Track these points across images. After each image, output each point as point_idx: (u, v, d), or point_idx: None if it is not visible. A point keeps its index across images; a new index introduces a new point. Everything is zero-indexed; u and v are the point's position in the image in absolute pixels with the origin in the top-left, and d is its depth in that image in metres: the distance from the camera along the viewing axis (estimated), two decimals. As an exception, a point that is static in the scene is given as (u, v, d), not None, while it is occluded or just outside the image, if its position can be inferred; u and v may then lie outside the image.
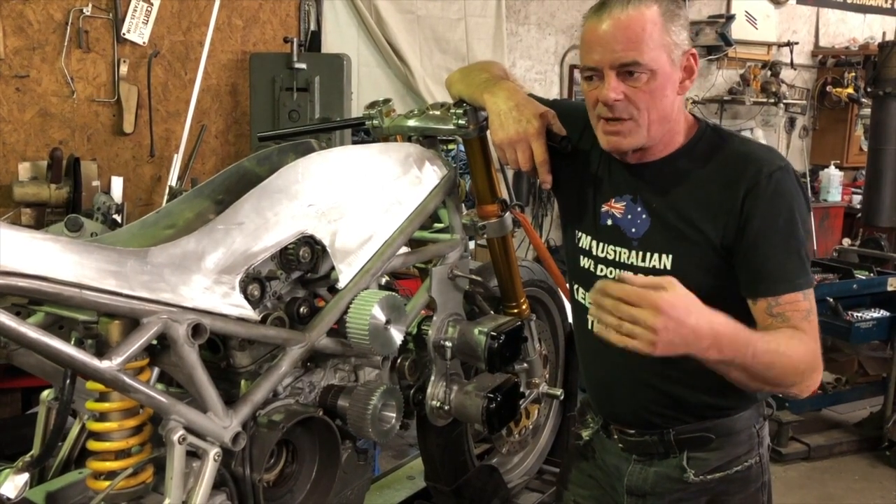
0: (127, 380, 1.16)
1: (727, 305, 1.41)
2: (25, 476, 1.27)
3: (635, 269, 1.49)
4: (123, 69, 4.21)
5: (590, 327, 1.59)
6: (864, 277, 4.17)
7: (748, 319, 1.37)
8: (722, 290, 1.41)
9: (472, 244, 1.89)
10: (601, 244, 1.55)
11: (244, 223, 1.34)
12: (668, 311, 1.14)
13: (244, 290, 1.33)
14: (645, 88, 1.37)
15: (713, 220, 1.41)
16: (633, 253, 1.50)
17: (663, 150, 1.47)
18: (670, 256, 1.45)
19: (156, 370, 1.34)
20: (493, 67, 1.72)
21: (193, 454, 1.26)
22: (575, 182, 1.61)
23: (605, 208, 1.55)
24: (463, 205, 1.87)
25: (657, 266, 1.46)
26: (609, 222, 1.54)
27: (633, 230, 1.50)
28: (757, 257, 1.38)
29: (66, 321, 1.31)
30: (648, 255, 1.48)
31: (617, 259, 1.52)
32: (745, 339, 1.26)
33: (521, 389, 2.06)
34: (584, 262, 1.59)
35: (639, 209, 1.50)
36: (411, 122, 1.77)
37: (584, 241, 1.59)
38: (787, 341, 1.32)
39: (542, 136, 1.53)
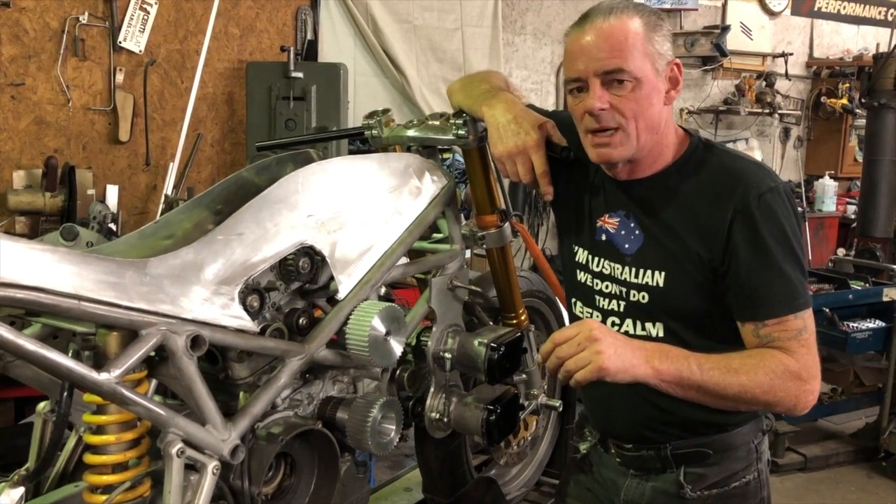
0: (125, 392, 1.15)
1: (720, 324, 1.41)
2: (21, 490, 1.26)
3: (629, 286, 1.48)
4: (119, 77, 4.21)
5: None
6: (859, 288, 4.18)
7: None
8: (715, 308, 1.41)
9: (468, 253, 1.88)
10: (597, 258, 1.55)
11: (243, 234, 1.33)
12: (601, 330, 1.30)
13: (243, 302, 1.32)
14: (631, 97, 1.36)
15: (702, 240, 1.40)
16: (627, 269, 1.49)
17: (653, 165, 1.46)
18: (663, 274, 1.44)
19: (154, 382, 1.33)
20: (494, 78, 1.71)
21: (192, 467, 1.25)
22: (572, 195, 1.61)
23: (599, 223, 1.54)
24: (461, 214, 1.86)
25: (650, 283, 1.46)
26: (603, 237, 1.53)
27: (627, 246, 1.49)
28: (745, 283, 1.38)
29: (63, 332, 1.30)
30: (642, 271, 1.47)
31: (612, 274, 1.52)
32: (683, 356, 1.33)
33: (521, 401, 2.05)
34: (582, 276, 1.58)
35: (632, 225, 1.49)
36: (410, 133, 1.77)
37: (581, 255, 1.58)
38: (748, 361, 1.33)
39: (542, 147, 1.53)
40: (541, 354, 1.34)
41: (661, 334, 1.45)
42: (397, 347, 1.52)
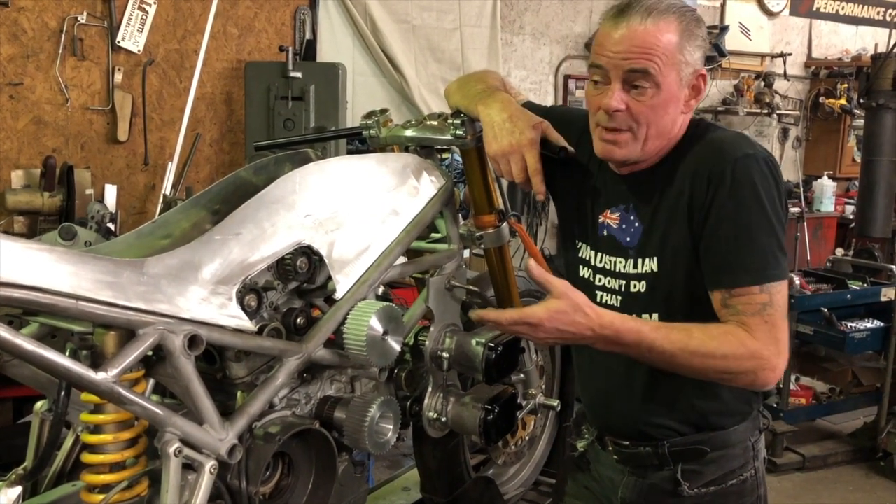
0: (122, 392, 1.15)
1: (709, 302, 1.41)
2: (18, 489, 1.26)
3: (629, 277, 1.50)
4: (118, 77, 4.21)
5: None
6: (857, 288, 4.19)
7: None
8: (704, 287, 1.41)
9: (466, 253, 1.88)
10: (599, 254, 1.56)
11: (241, 233, 1.33)
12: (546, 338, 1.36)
13: (241, 301, 1.32)
14: (648, 103, 1.37)
15: (689, 217, 1.41)
16: (630, 262, 1.50)
17: (655, 159, 1.48)
18: (655, 259, 1.46)
19: (151, 381, 1.33)
20: (490, 78, 1.72)
21: (189, 467, 1.25)
22: (573, 193, 1.61)
23: (601, 219, 1.55)
24: (459, 214, 1.86)
25: (647, 271, 1.47)
26: (605, 233, 1.54)
27: (628, 239, 1.50)
28: (715, 249, 1.37)
29: (61, 332, 1.30)
30: (640, 261, 1.48)
31: (614, 269, 1.53)
32: (635, 341, 1.33)
33: (518, 400, 2.05)
34: (584, 271, 1.59)
35: (632, 218, 1.50)
36: (409, 133, 1.77)
37: (584, 251, 1.59)
38: (708, 342, 1.32)
39: (536, 146, 1.53)
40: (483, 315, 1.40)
41: None
42: (395, 347, 1.52)
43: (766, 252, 1.35)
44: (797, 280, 4.09)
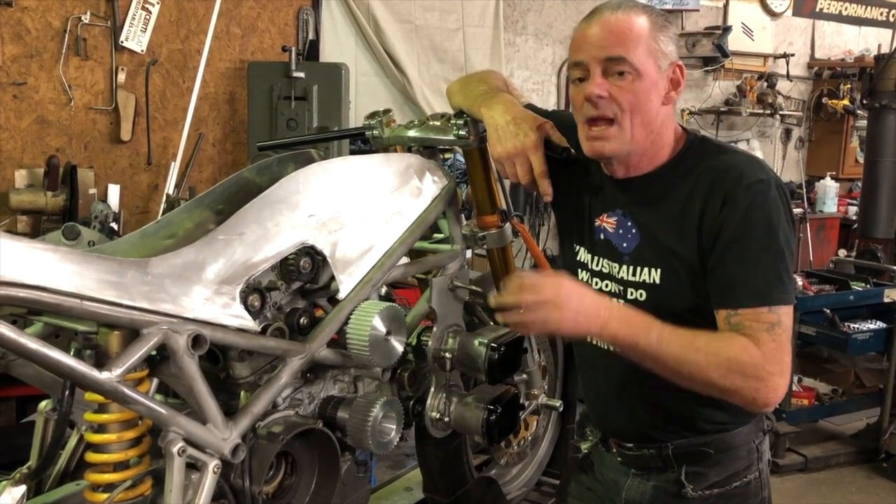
0: (126, 391, 1.15)
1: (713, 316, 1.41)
2: (23, 488, 1.26)
3: (626, 284, 1.49)
4: (121, 77, 4.21)
5: (589, 340, 1.58)
6: (860, 289, 4.18)
7: None
8: (709, 304, 1.41)
9: (468, 253, 1.89)
10: (597, 258, 1.56)
11: (245, 233, 1.33)
12: (566, 298, 1.30)
13: (244, 301, 1.33)
14: (630, 88, 1.38)
15: (696, 234, 1.40)
16: (625, 268, 1.50)
17: (650, 163, 1.47)
18: (659, 271, 1.45)
19: (155, 381, 1.34)
20: (492, 78, 1.72)
21: (193, 466, 1.25)
22: (572, 195, 1.61)
23: (598, 223, 1.55)
24: (462, 215, 1.87)
25: (647, 280, 1.46)
26: (602, 237, 1.54)
27: (625, 245, 1.50)
28: (724, 268, 1.37)
29: (65, 331, 1.30)
30: (639, 269, 1.48)
31: (610, 273, 1.53)
32: (646, 325, 1.32)
33: (521, 401, 2.05)
34: (582, 275, 1.59)
35: (629, 224, 1.50)
36: (411, 133, 1.77)
37: (582, 254, 1.59)
38: (712, 343, 1.31)
39: (540, 148, 1.53)
40: (498, 301, 1.35)
41: None
42: (398, 347, 1.53)
43: (774, 277, 1.35)
44: (800, 281, 4.09)
